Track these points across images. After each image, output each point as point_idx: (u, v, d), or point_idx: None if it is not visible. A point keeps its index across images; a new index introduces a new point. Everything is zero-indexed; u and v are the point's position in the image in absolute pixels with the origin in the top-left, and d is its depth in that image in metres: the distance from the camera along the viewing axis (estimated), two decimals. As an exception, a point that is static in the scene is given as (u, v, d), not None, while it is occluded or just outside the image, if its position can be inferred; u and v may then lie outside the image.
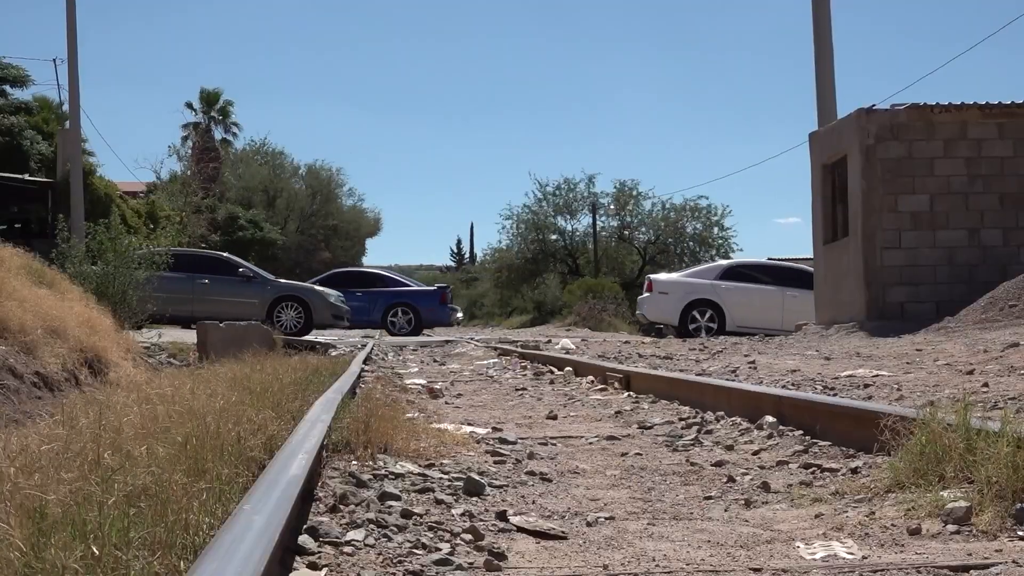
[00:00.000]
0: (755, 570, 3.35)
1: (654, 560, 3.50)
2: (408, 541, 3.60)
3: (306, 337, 21.86)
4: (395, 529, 3.74)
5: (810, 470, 5.00)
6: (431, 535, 3.72)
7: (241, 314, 22.98)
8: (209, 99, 65.67)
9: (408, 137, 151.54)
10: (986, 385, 7.92)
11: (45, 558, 2.70)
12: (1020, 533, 3.52)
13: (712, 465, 5.42)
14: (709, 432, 6.55)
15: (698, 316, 24.24)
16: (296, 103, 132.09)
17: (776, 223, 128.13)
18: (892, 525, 3.78)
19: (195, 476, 3.68)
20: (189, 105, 65.73)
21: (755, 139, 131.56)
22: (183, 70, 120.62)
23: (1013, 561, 3.26)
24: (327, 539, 3.50)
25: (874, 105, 19.07)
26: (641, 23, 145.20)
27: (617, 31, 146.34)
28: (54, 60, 50.88)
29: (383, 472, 4.82)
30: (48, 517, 2.99)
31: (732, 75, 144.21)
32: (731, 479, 4.98)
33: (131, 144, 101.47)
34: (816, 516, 4.07)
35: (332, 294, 24.13)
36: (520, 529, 3.93)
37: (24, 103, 45.64)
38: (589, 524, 4.07)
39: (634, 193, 61.58)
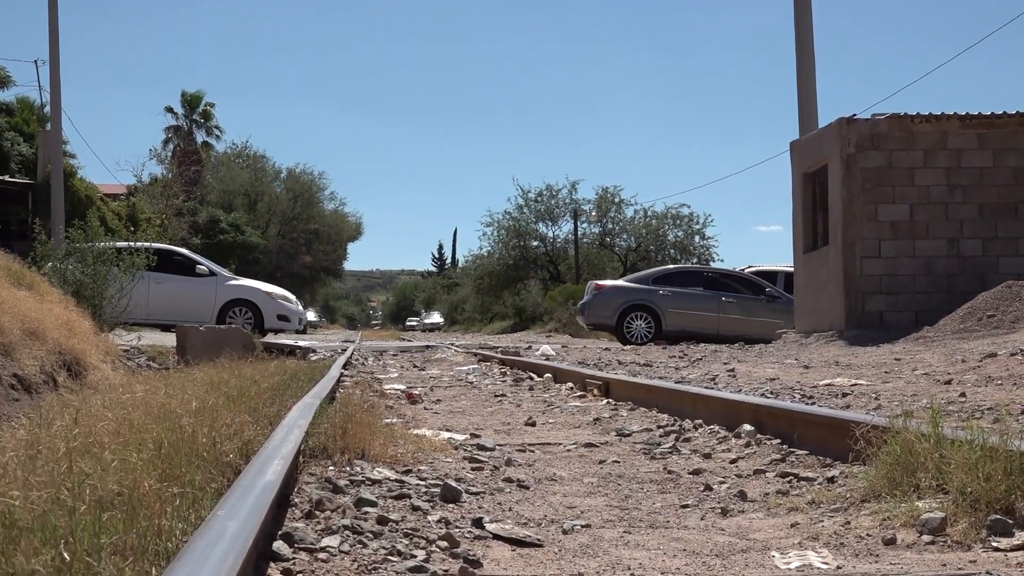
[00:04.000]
0: (730, 579, 3.35)
1: (629, 568, 3.50)
2: (383, 548, 3.58)
3: (285, 341, 21.80)
4: (371, 535, 3.73)
5: (787, 479, 5.01)
6: (407, 542, 3.71)
7: (766, 333, 22.62)
8: (191, 102, 65.48)
9: (391, 141, 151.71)
10: (963, 395, 7.95)
11: (13, 563, 2.68)
12: (994, 544, 3.52)
13: (689, 473, 5.42)
14: (687, 440, 6.55)
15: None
16: (279, 106, 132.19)
17: (758, 231, 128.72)
18: (867, 535, 3.78)
19: (169, 481, 3.66)
20: (170, 109, 65.57)
21: (738, 147, 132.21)
22: (166, 72, 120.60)
23: (987, 572, 3.26)
24: (302, 545, 3.48)
25: (855, 114, 19.15)
26: (628, 31, 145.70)
27: (604, 39, 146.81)
28: (36, 61, 50.70)
29: (360, 478, 4.80)
30: (17, 522, 2.97)
31: (716, 83, 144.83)
32: (708, 487, 4.98)
33: (112, 146, 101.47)
34: (792, 525, 4.07)
35: None
36: (496, 536, 3.93)
37: (5, 104, 45.50)
38: (565, 532, 4.06)
39: (616, 200, 61.75)
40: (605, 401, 9.18)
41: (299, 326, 23.61)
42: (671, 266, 26.30)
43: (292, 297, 23.62)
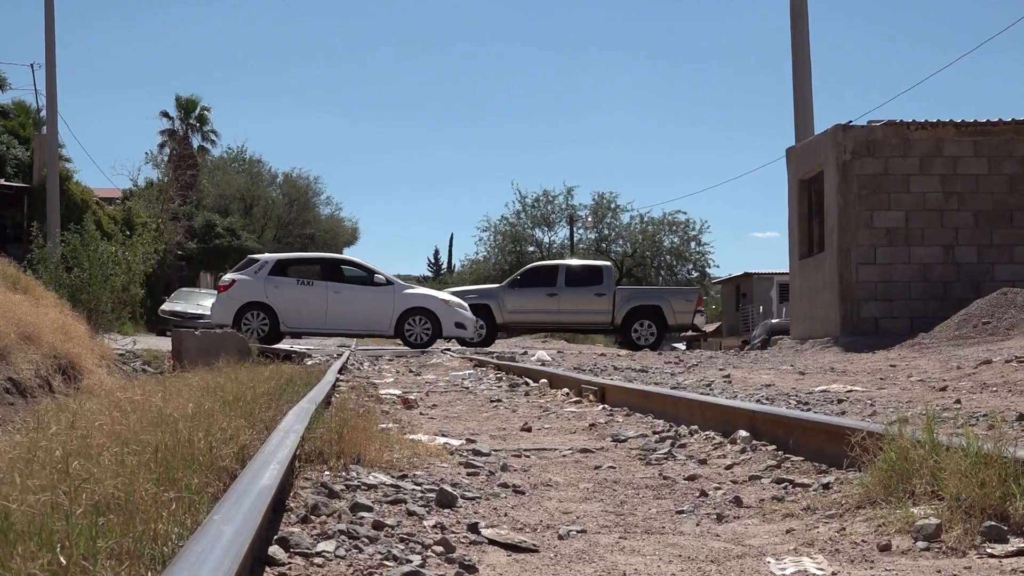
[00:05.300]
0: (725, 585, 3.35)
1: (625, 574, 3.50)
2: (379, 553, 3.58)
3: (281, 346, 21.81)
4: (366, 540, 3.73)
5: (782, 485, 5.01)
6: (402, 547, 3.71)
7: None
8: (186, 106, 65.49)
9: (387, 145, 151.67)
10: (958, 402, 7.96)
11: (10, 567, 2.68)
12: (989, 550, 3.53)
13: (685, 479, 5.42)
14: (683, 446, 6.55)
15: None
16: (275, 111, 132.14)
17: (754, 237, 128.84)
18: (863, 541, 3.79)
19: (165, 485, 3.66)
20: (165, 114, 65.57)
21: (735, 153, 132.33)
22: (162, 76, 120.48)
23: (982, 578, 3.27)
24: (297, 550, 3.48)
25: (851, 121, 19.21)
26: (625, 35, 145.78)
27: (601, 45, 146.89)
28: (32, 64, 50.85)
29: (355, 483, 4.80)
30: (14, 525, 2.97)
31: (713, 89, 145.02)
32: (704, 493, 4.99)
33: (108, 150, 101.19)
34: (787, 531, 4.07)
35: None
36: (491, 542, 3.93)
37: (1, 107, 45.48)
38: (561, 537, 4.06)
39: (612, 206, 61.78)
40: (601, 407, 9.18)
41: (473, 334, 23.41)
42: None
43: (465, 304, 23.35)
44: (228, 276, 22.82)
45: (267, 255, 23.50)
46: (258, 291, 22.03)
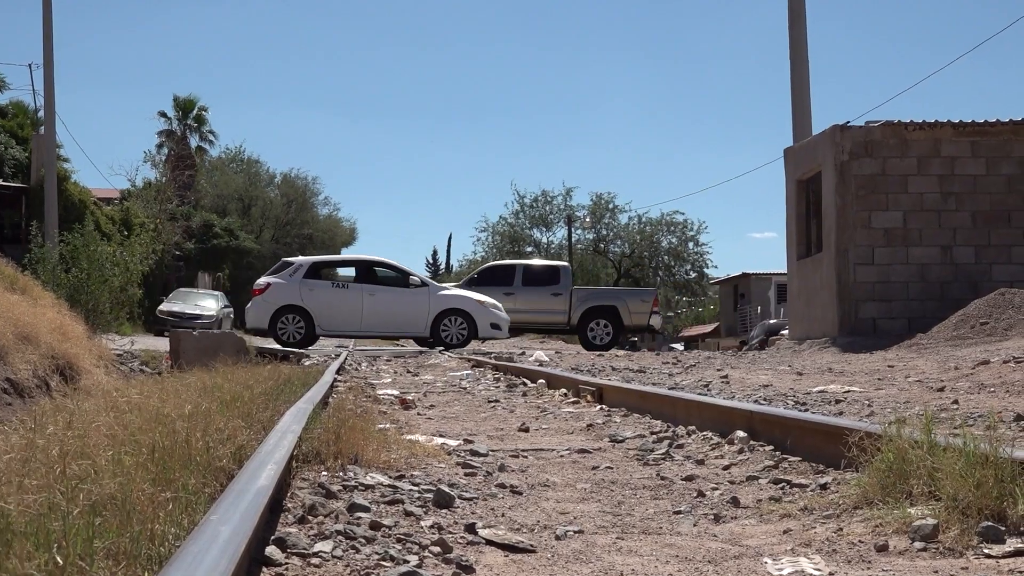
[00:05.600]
0: (722, 585, 3.35)
1: (622, 574, 3.50)
2: (376, 553, 3.58)
3: (276, 346, 21.80)
4: (363, 541, 3.72)
5: (780, 485, 5.01)
6: (399, 547, 3.71)
7: None
8: (184, 107, 65.39)
9: (387, 145, 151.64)
10: (956, 402, 7.96)
11: (7, 567, 2.68)
12: (986, 551, 3.53)
13: (682, 479, 5.42)
14: (680, 446, 6.55)
15: None
16: (273, 111, 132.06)
17: (751, 237, 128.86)
18: (860, 541, 3.79)
19: (162, 485, 3.66)
20: (163, 114, 65.50)
21: (734, 153, 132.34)
22: (160, 76, 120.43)
23: (978, 578, 3.27)
24: (295, 550, 3.48)
25: (848, 122, 19.21)
26: (625, 35, 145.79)
27: (600, 42, 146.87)
28: (30, 65, 50.81)
29: (353, 483, 4.80)
30: (11, 525, 2.97)
31: (712, 89, 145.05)
32: (701, 494, 4.99)
33: (106, 150, 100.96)
34: (785, 532, 4.07)
35: None
36: (489, 542, 3.93)
37: (-1, 107, 45.44)
38: (558, 537, 4.06)
39: (610, 206, 61.78)
40: (598, 407, 9.18)
41: (507, 334, 23.45)
42: None
43: (500, 304, 23.31)
44: (263, 280, 22.71)
45: (301, 258, 23.46)
46: (293, 294, 22.00)
